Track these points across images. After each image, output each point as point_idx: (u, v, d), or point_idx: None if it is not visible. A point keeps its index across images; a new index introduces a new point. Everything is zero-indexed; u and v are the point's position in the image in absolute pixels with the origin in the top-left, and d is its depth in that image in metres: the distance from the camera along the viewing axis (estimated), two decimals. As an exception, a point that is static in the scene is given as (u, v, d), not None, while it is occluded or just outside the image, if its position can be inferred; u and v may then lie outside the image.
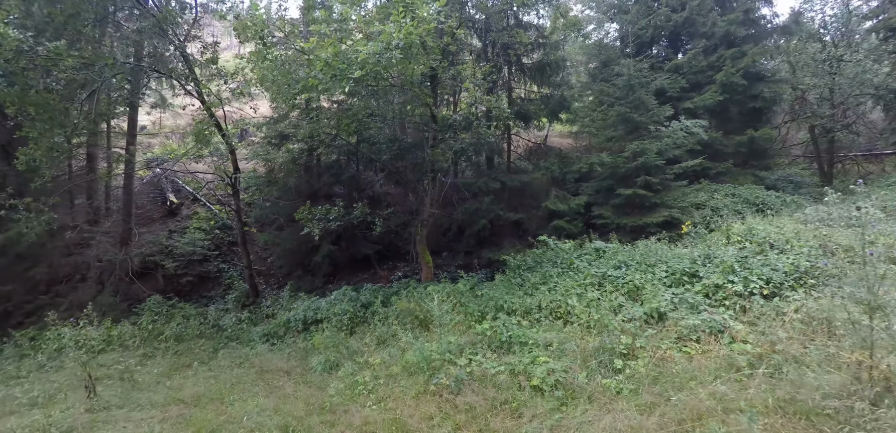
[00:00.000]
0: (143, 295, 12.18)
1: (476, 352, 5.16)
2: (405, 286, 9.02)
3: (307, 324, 7.63)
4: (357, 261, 13.92)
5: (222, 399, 5.43)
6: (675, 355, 4.89)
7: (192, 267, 13.72)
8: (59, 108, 7.39)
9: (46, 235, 11.95)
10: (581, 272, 7.43)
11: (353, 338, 6.61)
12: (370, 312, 7.43)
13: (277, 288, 13.29)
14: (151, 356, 7.73)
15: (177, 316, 9.50)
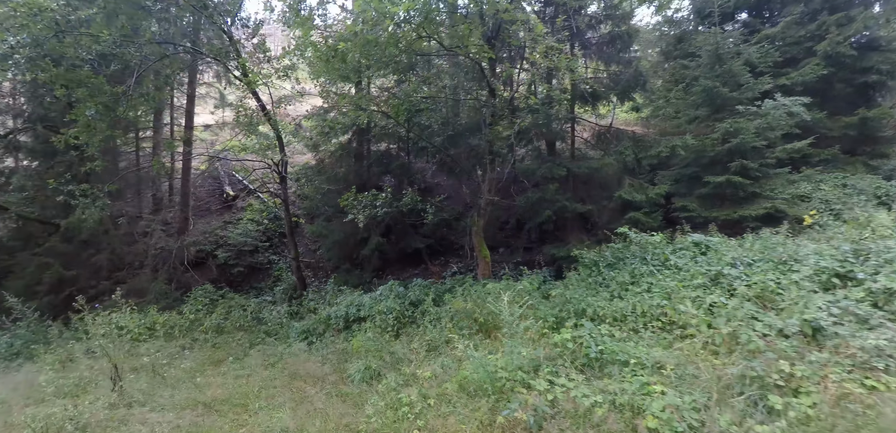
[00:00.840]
0: (196, 283, 12.10)
1: (556, 370, 3.88)
2: (460, 283, 7.88)
3: (349, 322, 6.73)
4: (407, 256, 13.01)
5: (246, 405, 4.61)
6: (855, 391, 3.34)
7: (243, 258, 13.54)
8: (106, 88, 7.11)
9: (110, 223, 12.26)
10: (682, 270, 5.89)
11: (399, 342, 5.57)
12: (419, 312, 6.37)
13: (325, 281, 12.71)
14: (189, 347, 7.24)
15: (220, 306, 9.06)
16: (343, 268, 12.43)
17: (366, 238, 11.94)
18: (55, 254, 10.90)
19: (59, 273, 10.59)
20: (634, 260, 6.73)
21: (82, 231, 10.80)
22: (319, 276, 13.38)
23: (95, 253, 11.43)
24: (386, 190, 8.36)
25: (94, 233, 11.37)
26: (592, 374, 3.84)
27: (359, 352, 5.29)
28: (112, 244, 11.84)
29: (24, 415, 4.76)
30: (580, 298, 5.31)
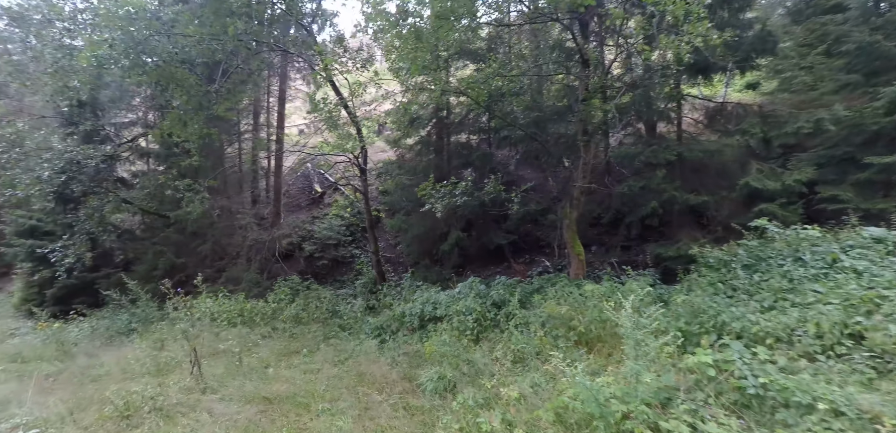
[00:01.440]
0: (284, 274, 12.60)
1: (695, 407, 2.77)
2: (550, 283, 6.84)
3: (424, 321, 6.12)
4: (488, 252, 12.19)
5: (308, 406, 4.19)
6: None
7: (328, 251, 13.85)
8: (192, 81, 7.42)
9: (216, 216, 13.33)
10: (865, 274, 4.28)
11: (479, 349, 4.78)
12: (503, 315, 5.52)
13: (404, 276, 12.44)
14: (268, 336, 7.23)
15: (301, 297, 9.10)
16: (422, 264, 12.02)
17: (445, 233, 11.38)
18: (169, 243, 12.07)
19: (171, 260, 11.67)
20: (784, 260, 5.15)
21: (189, 223, 11.80)
22: (399, 271, 13.15)
23: (201, 243, 12.44)
24: (466, 178, 7.62)
25: (201, 225, 12.39)
26: (755, 419, 2.66)
27: (432, 358, 4.62)
28: (215, 236, 12.82)
29: (112, 391, 4.88)
30: (717, 308, 4.01)
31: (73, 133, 12.40)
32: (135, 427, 4.26)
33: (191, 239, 12.46)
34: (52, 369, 6.91)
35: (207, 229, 12.73)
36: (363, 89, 9.45)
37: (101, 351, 7.76)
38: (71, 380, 6.13)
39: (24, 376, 6.79)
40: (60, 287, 12.80)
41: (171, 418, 4.33)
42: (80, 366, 6.84)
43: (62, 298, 12.87)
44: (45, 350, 7.89)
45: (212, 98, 8.07)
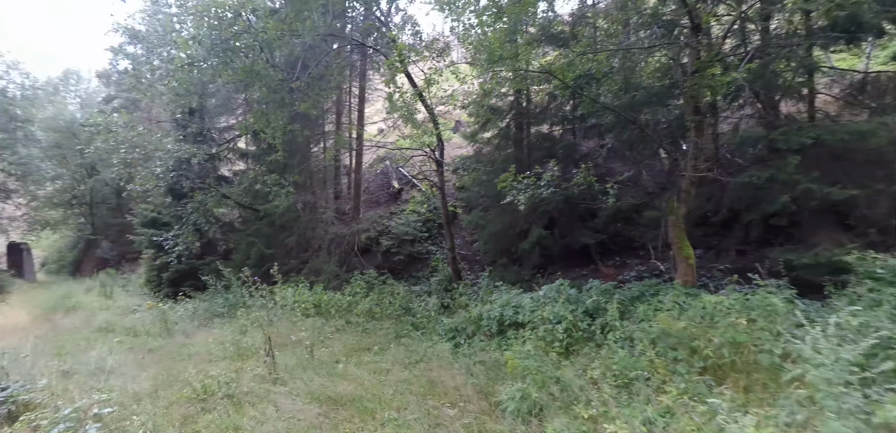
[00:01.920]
0: (362, 268, 12.76)
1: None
2: (651, 290, 5.76)
3: (503, 327, 5.46)
4: (573, 253, 11.11)
5: (374, 413, 3.79)
6: None
7: (404, 246, 13.78)
8: (272, 75, 7.58)
9: (301, 211, 13.98)
10: None
11: (570, 366, 4.01)
12: (598, 325, 4.65)
13: (480, 274, 11.87)
14: (342, 329, 7.11)
15: (376, 292, 8.96)
16: (500, 263, 11.33)
17: (526, 230, 10.57)
18: (260, 235, 12.87)
19: (261, 251, 12.40)
20: None
21: (277, 216, 12.47)
22: (475, 270, 12.62)
23: (288, 235, 13.09)
24: (552, 167, 6.80)
25: (287, 219, 13.03)
26: None
27: (514, 372, 3.96)
28: (300, 229, 13.40)
29: (194, 372, 4.97)
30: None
31: (183, 136, 13.85)
32: (207, 411, 4.22)
33: (279, 231, 13.17)
34: (154, 344, 7.50)
35: (293, 223, 13.37)
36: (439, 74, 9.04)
37: (196, 331, 8.30)
38: (166, 357, 6.51)
39: (133, 349, 7.46)
40: (173, 271, 14.35)
41: (240, 407, 4.23)
42: (176, 344, 7.31)
43: (174, 281, 14.43)
44: (153, 327, 8.66)
45: (293, 94, 8.24)
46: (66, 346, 7.81)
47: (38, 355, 7.17)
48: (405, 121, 10.49)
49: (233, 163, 17.90)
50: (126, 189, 15.44)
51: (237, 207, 14.40)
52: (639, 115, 9.23)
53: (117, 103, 22.33)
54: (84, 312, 12.20)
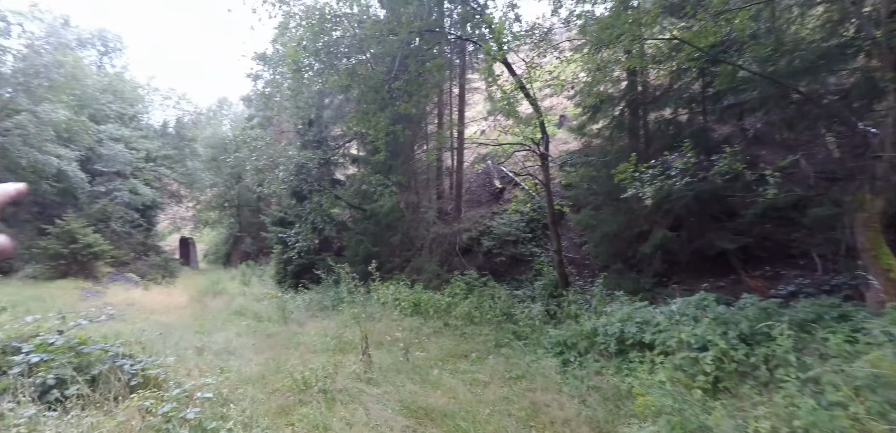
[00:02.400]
0: (463, 268, 12.49)
1: None
2: (835, 312, 4.24)
3: (625, 346, 4.51)
4: (706, 260, 9.31)
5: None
6: None
7: (506, 248, 13.16)
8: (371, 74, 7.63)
9: (405, 210, 14.30)
10: None
11: (723, 410, 2.97)
12: (760, 357, 3.46)
13: (591, 281, 10.67)
14: (440, 332, 6.79)
15: (476, 294, 8.51)
16: (614, 268, 10.03)
17: (646, 231, 9.16)
18: (367, 233, 13.44)
19: (368, 248, 12.92)
20: None
21: (382, 215, 12.88)
22: (584, 275, 11.43)
23: (393, 234, 13.45)
24: (686, 152, 5.57)
25: (392, 218, 13.40)
26: None
27: (644, 410, 3.09)
28: (404, 228, 13.69)
29: (295, 363, 5.05)
30: None
31: (302, 144, 15.23)
32: (303, 403, 4.19)
33: (384, 230, 13.62)
34: (272, 330, 8.11)
35: (397, 222, 13.71)
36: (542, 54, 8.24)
37: (307, 320, 8.80)
38: (278, 343, 6.92)
39: (255, 332, 8.17)
40: (295, 265, 15.85)
41: (332, 405, 4.11)
42: (289, 331, 7.78)
43: (296, 274, 15.93)
44: (274, 314, 9.45)
45: (393, 94, 8.26)
46: (206, 325, 8.91)
47: (184, 330, 8.30)
48: (506, 115, 9.90)
49: (345, 167, 19.32)
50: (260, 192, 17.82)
51: (348, 208, 15.34)
52: (797, 86, 7.27)
53: (256, 121, 25.82)
54: (226, 296, 14.06)
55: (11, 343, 3.94)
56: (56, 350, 3.88)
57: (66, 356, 3.91)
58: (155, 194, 22.06)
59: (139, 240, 20.15)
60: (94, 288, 13.83)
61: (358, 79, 7.69)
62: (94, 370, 3.84)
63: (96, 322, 6.03)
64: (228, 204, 28.87)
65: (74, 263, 14.46)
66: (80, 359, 3.96)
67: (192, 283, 17.37)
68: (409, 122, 13.41)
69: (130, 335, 6.15)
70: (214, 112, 35.22)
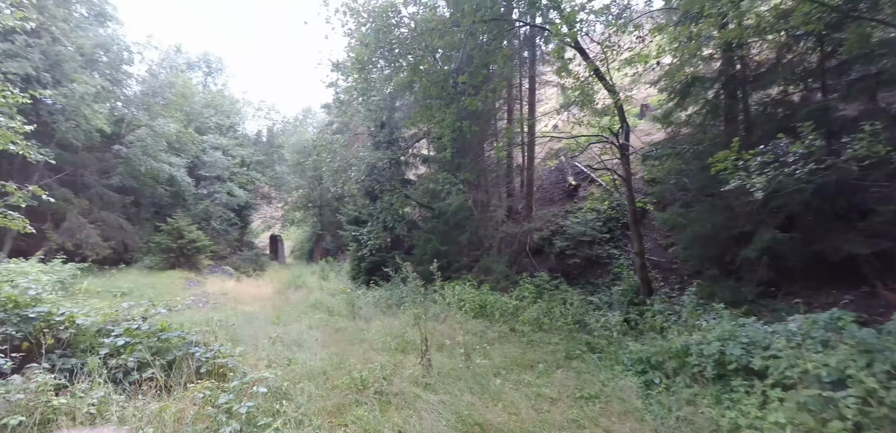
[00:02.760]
0: (534, 270, 11.90)
1: None
2: None
3: (725, 371, 3.72)
4: (828, 267, 7.74)
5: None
6: None
7: (580, 249, 12.28)
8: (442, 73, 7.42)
9: (473, 209, 14.03)
10: None
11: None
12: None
13: (678, 288, 9.50)
14: (505, 337, 6.36)
15: (545, 298, 7.93)
16: (708, 275, 8.79)
17: (749, 232, 7.85)
18: (436, 232, 13.39)
19: (436, 247, 12.85)
20: None
21: (450, 214, 12.74)
22: (670, 281, 10.22)
23: (461, 233, 13.24)
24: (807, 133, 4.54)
25: (460, 217, 13.20)
26: None
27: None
28: (472, 227, 13.41)
29: (357, 360, 5.00)
30: None
31: (375, 145, 15.65)
32: (358, 404, 4.08)
33: (452, 229, 13.46)
34: (341, 325, 8.29)
35: (466, 221, 13.48)
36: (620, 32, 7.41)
37: (374, 317, 8.88)
38: (344, 338, 7.01)
39: (326, 326, 8.43)
40: (368, 262, 16.38)
41: (386, 409, 3.94)
42: (356, 327, 7.88)
43: (369, 271, 16.45)
44: (344, 310, 9.72)
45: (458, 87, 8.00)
46: (283, 316, 9.43)
47: (264, 320, 8.86)
48: (581, 105, 9.15)
49: (416, 167, 19.61)
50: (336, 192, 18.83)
51: (418, 207, 15.48)
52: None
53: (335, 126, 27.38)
54: (306, 290, 14.92)
55: (106, 325, 4.33)
56: (140, 335, 4.19)
57: (150, 341, 4.21)
58: (248, 196, 24.30)
59: (234, 236, 22.29)
60: (196, 278, 15.49)
61: (421, 75, 7.57)
62: (170, 356, 4.07)
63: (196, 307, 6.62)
64: (311, 204, 30.98)
65: (181, 256, 16.33)
66: (161, 344, 4.24)
67: (278, 277, 18.78)
68: (477, 118, 13.10)
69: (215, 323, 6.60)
70: (300, 120, 38.04)
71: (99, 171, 16.82)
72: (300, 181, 29.80)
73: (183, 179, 18.26)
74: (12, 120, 7.02)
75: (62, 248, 13.72)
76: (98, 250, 14.30)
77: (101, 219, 15.48)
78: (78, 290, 10.99)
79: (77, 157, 16.78)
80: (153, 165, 17.11)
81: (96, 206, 15.81)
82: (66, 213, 14.39)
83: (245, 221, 26.71)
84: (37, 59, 13.20)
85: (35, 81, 13.49)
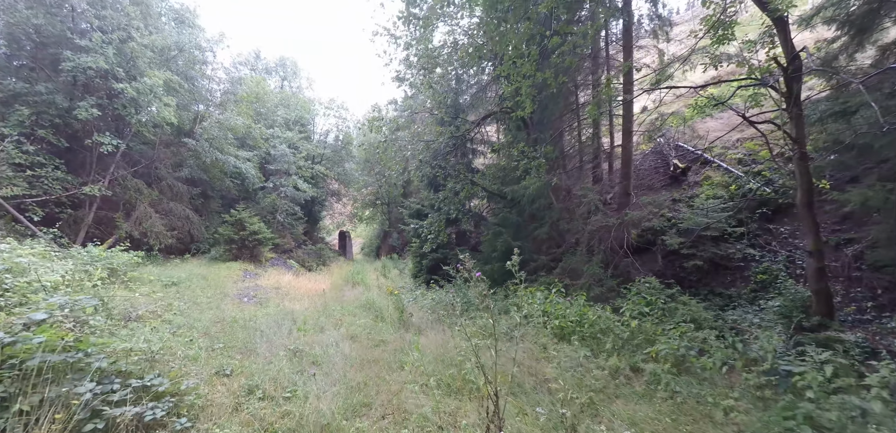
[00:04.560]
0: (636, 273, 9.18)
1: None
2: None
3: None
4: None
5: None
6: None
7: (701, 246, 9.26)
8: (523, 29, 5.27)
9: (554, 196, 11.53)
10: None
11: None
12: None
13: (874, 308, 6.35)
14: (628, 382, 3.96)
15: (678, 315, 5.34)
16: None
17: None
18: (507, 224, 11.14)
19: (507, 242, 10.61)
20: None
21: (525, 201, 10.42)
22: (856, 296, 6.98)
23: (538, 226, 10.84)
24: None
25: (538, 206, 10.81)
26: None
27: None
28: (552, 218, 10.96)
29: (378, 404, 3.00)
30: None
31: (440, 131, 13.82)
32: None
33: (528, 221, 11.12)
34: (385, 336, 6.43)
35: (545, 211, 11.06)
36: None
37: (428, 328, 6.92)
38: (385, 357, 5.11)
39: (368, 336, 6.64)
40: (429, 259, 14.60)
41: None
42: (401, 341, 5.97)
43: (430, 269, 14.66)
44: (393, 313, 7.90)
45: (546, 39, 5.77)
46: (322, 319, 7.85)
47: (304, 320, 7.34)
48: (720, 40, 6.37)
49: (484, 154, 17.56)
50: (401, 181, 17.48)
51: (487, 195, 13.37)
52: None
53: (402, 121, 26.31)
54: (362, 288, 13.49)
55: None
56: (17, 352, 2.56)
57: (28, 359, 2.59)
58: (316, 191, 23.99)
59: (300, 231, 21.89)
60: (255, 270, 14.83)
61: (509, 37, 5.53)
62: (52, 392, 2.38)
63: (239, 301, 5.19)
64: (379, 201, 30.42)
65: (243, 248, 15.86)
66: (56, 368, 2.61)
67: (339, 272, 17.79)
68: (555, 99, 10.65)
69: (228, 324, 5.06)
70: (369, 118, 37.89)
71: (173, 164, 17.04)
72: (368, 178, 29.35)
73: (248, 172, 18.02)
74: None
75: (130, 237, 13.71)
76: (162, 239, 14.16)
77: (169, 209, 15.49)
78: (130, 278, 10.49)
79: (154, 151, 17.13)
80: (219, 157, 16.96)
81: (166, 196, 15.90)
82: (136, 202, 14.47)
83: (314, 217, 26.57)
84: (111, 55, 13.29)
85: (111, 76, 13.63)
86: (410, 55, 13.46)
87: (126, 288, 9.81)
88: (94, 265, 9.91)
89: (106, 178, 14.04)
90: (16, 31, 13.16)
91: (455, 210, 12.42)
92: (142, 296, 9.25)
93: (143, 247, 14.10)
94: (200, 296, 9.68)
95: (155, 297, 9.32)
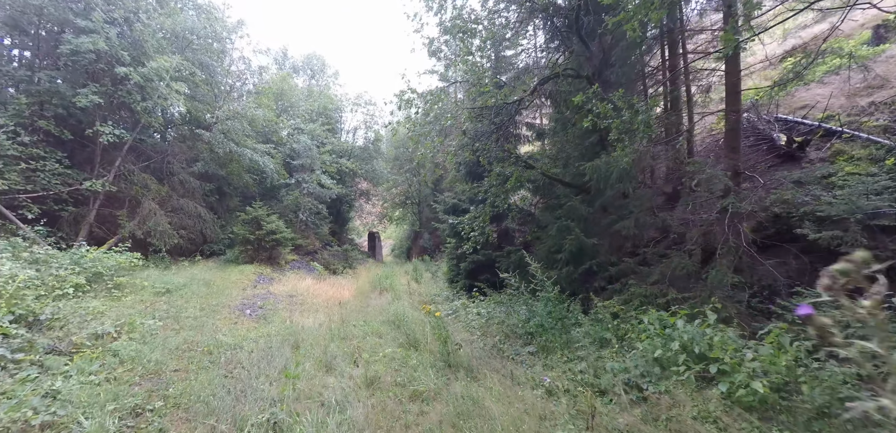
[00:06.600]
0: (767, 279, 6.56)
1: None
2: None
3: None
4: None
5: None
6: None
7: (865, 239, 6.49)
8: None
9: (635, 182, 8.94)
10: None
11: None
12: None
13: None
14: None
15: None
16: None
17: None
18: (575, 216, 8.64)
19: (578, 240, 8.12)
20: None
21: (594, 184, 7.94)
22: None
23: (617, 220, 8.30)
24: None
25: (613, 195, 8.28)
26: None
27: None
28: (635, 211, 8.38)
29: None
30: None
31: (479, 115, 11.56)
32: None
33: (602, 214, 8.59)
34: (423, 385, 4.17)
35: (624, 201, 8.52)
36: None
37: (484, 366, 4.59)
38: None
39: (396, 380, 4.42)
40: (469, 262, 12.28)
41: None
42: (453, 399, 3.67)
43: (471, 273, 12.35)
44: (432, 344, 5.63)
45: None
46: (334, 345, 5.70)
47: (308, 346, 5.21)
48: None
49: (531, 142, 15.19)
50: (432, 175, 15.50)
51: (534, 189, 10.92)
52: None
53: (432, 116, 24.25)
54: (391, 295, 11.38)
55: None
56: None
57: None
58: (343, 190, 22.28)
59: (326, 231, 20.15)
60: (271, 274, 13.02)
61: None
62: None
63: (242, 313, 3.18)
64: (410, 200, 28.60)
65: (260, 249, 14.13)
66: None
67: (366, 276, 15.80)
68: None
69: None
70: (397, 92, 36.15)
71: (187, 158, 15.60)
72: (398, 177, 27.54)
73: (267, 166, 16.36)
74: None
75: (132, 236, 12.21)
76: (167, 239, 12.58)
77: (179, 206, 13.98)
78: (118, 284, 8.80)
79: (166, 144, 15.74)
80: (233, 149, 15.35)
81: (177, 193, 14.41)
82: (142, 199, 13.00)
83: (342, 217, 24.89)
84: (114, 37, 11.87)
85: (114, 60, 12.21)
86: (443, 19, 11.34)
87: (109, 297, 8.11)
88: (74, 268, 8.29)
89: (111, 172, 12.63)
90: (20, 19, 12.04)
91: (502, 202, 10.08)
92: (122, 308, 7.47)
93: (149, 248, 12.60)
94: (189, 309, 7.80)
95: (137, 310, 7.52)
